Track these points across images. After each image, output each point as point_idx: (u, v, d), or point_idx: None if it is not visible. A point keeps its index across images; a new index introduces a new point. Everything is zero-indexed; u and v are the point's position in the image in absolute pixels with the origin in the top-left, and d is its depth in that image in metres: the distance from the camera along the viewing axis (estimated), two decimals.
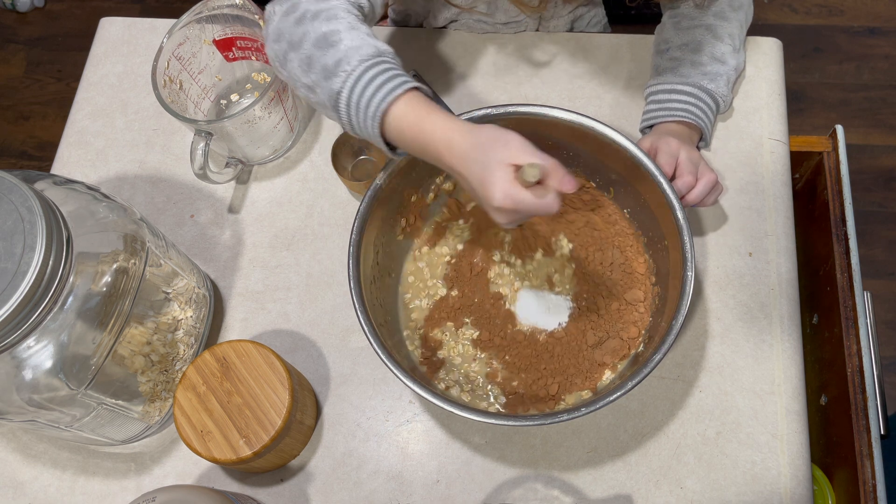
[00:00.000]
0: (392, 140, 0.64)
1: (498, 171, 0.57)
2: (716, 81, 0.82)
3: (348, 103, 0.62)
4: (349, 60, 0.62)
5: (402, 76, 0.62)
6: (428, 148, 0.61)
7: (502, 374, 0.75)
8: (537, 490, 0.73)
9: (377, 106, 0.61)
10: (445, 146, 0.60)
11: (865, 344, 0.84)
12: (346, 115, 0.63)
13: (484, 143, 0.59)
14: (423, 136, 0.61)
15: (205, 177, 0.80)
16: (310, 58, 0.64)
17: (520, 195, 0.57)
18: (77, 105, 0.96)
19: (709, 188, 0.75)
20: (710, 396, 0.76)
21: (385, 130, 0.63)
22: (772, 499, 0.71)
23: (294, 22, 0.66)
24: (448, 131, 0.60)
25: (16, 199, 0.57)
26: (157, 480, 0.76)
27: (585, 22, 0.99)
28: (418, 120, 0.61)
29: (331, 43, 0.63)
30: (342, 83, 0.62)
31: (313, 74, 0.64)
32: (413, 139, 0.62)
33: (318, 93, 0.65)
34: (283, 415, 0.68)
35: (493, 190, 0.57)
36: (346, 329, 0.81)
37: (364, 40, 0.64)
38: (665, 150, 0.76)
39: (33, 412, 0.63)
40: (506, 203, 0.58)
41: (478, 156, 0.58)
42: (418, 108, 0.61)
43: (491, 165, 0.58)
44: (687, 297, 0.66)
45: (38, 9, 2.06)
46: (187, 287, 0.76)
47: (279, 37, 0.67)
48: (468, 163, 0.59)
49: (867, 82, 1.82)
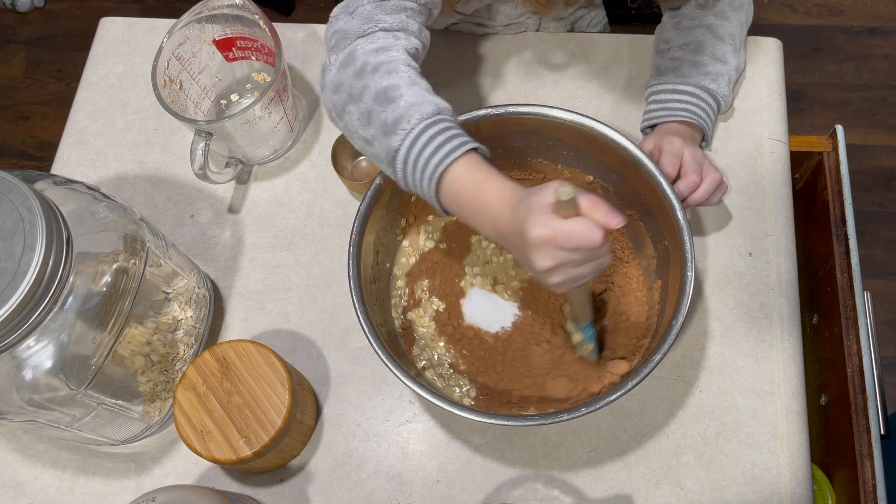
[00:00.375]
0: (446, 201, 0.62)
1: (535, 207, 0.55)
2: (717, 81, 0.82)
3: (405, 161, 0.61)
4: (409, 118, 0.60)
5: (461, 136, 0.60)
6: (486, 214, 0.59)
7: (464, 366, 0.75)
8: (537, 490, 0.73)
9: (435, 167, 0.60)
10: (499, 209, 0.58)
11: (865, 344, 0.84)
12: (402, 173, 0.62)
13: (527, 194, 0.56)
14: (479, 201, 0.59)
15: (205, 177, 0.80)
16: (370, 112, 0.63)
17: (557, 224, 0.53)
18: (77, 105, 0.96)
19: (714, 187, 0.75)
20: (710, 396, 0.76)
21: (440, 193, 0.61)
22: (772, 499, 0.71)
23: (354, 74, 0.64)
24: (507, 193, 0.58)
25: (16, 199, 0.57)
26: (157, 480, 0.76)
27: (586, 23, 0.99)
28: (475, 184, 0.59)
29: (391, 98, 0.62)
30: (401, 141, 0.61)
31: (372, 129, 0.63)
32: (470, 204, 0.60)
33: (375, 147, 0.64)
34: (283, 415, 0.68)
35: (530, 223, 0.54)
36: (346, 329, 0.81)
37: (424, 97, 0.62)
38: (669, 150, 0.76)
39: (33, 412, 0.63)
40: (542, 231, 0.54)
41: (522, 206, 0.56)
42: (477, 172, 0.59)
43: (532, 206, 0.55)
44: (687, 297, 0.66)
45: (38, 9, 2.06)
46: (187, 287, 0.76)
47: (338, 88, 0.66)
48: (514, 215, 0.56)
49: (867, 82, 1.82)
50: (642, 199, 0.74)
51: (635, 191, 0.75)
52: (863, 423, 0.82)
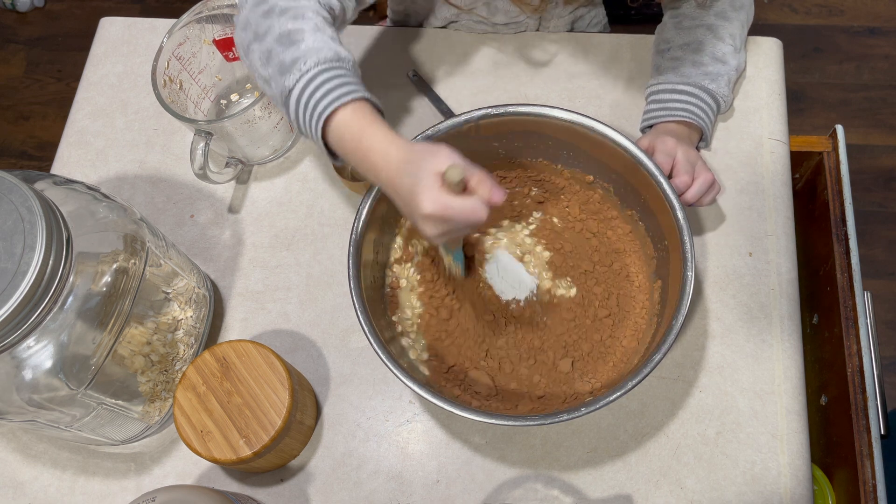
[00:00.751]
0: (333, 146, 0.64)
1: (426, 179, 0.58)
2: (717, 81, 0.82)
3: (297, 102, 0.63)
4: (306, 60, 0.63)
5: (353, 85, 0.63)
6: (366, 159, 0.62)
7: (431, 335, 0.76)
8: (537, 490, 0.73)
9: (323, 109, 0.62)
10: (382, 158, 0.61)
11: (865, 344, 0.84)
12: (294, 114, 0.64)
13: (415, 156, 0.59)
14: (361, 146, 0.62)
15: (205, 177, 0.80)
16: (270, 51, 0.65)
17: (447, 200, 0.57)
18: (77, 105, 0.96)
19: (705, 188, 0.75)
20: (710, 396, 0.76)
21: (328, 135, 0.64)
22: (772, 499, 0.71)
23: (262, 14, 0.66)
24: (386, 145, 0.61)
25: (16, 199, 0.57)
26: (157, 480, 0.76)
27: (586, 22, 0.99)
28: (359, 130, 0.62)
29: (293, 41, 0.64)
30: (295, 81, 0.63)
31: (270, 68, 0.65)
32: (353, 149, 0.62)
33: (272, 86, 0.65)
34: (283, 415, 0.68)
35: (421, 198, 0.58)
36: (346, 329, 0.81)
37: (326, 43, 0.64)
38: (662, 149, 0.76)
39: (33, 412, 0.63)
40: (434, 208, 0.57)
41: (409, 168, 0.59)
42: (362, 118, 0.62)
43: (420, 175, 0.58)
44: (687, 297, 0.66)
45: (38, 9, 2.06)
46: (187, 287, 0.76)
47: (246, 26, 0.67)
48: (400, 176, 0.60)
49: (867, 82, 1.82)
50: (642, 199, 0.74)
51: (635, 191, 0.75)
52: (863, 423, 0.82)
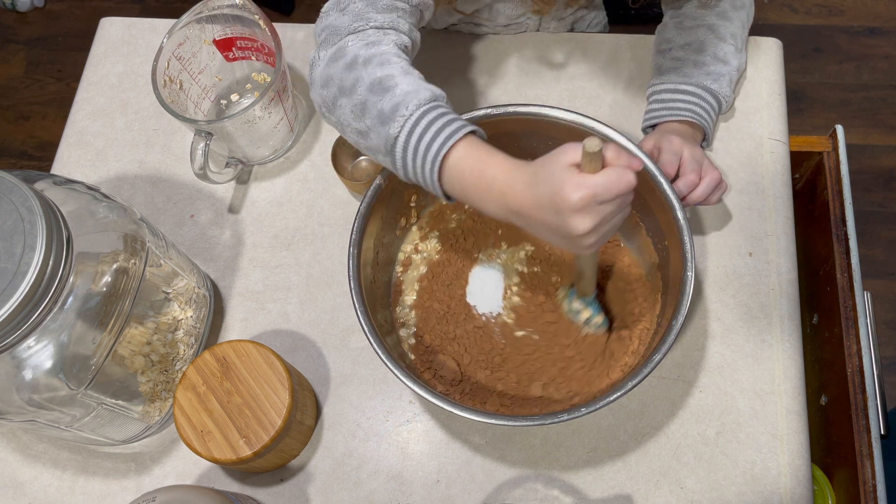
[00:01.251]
0: (450, 186, 0.61)
1: (563, 173, 0.54)
2: (718, 81, 0.82)
3: (405, 149, 0.61)
4: (407, 105, 0.60)
5: (459, 121, 0.60)
6: (492, 191, 0.59)
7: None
8: (537, 490, 0.73)
9: (437, 152, 0.59)
10: (508, 184, 0.57)
11: (865, 344, 0.84)
12: (402, 161, 0.62)
13: (541, 165, 0.56)
14: (484, 179, 0.59)
15: (205, 177, 0.80)
16: (364, 103, 0.62)
17: (591, 178, 0.53)
18: (77, 105, 0.96)
19: (712, 186, 0.75)
20: (710, 396, 0.76)
21: (443, 177, 0.61)
22: (772, 499, 0.71)
23: (344, 67, 0.64)
24: (510, 170, 0.58)
25: (16, 199, 0.57)
26: (157, 480, 0.76)
27: (586, 24, 0.99)
28: (478, 163, 0.59)
29: (386, 88, 0.62)
30: (399, 128, 0.60)
31: (368, 120, 0.62)
32: (475, 184, 0.59)
33: (371, 138, 0.63)
34: (283, 415, 0.68)
35: (565, 189, 0.53)
36: (346, 329, 0.81)
37: (420, 84, 0.62)
38: (668, 149, 0.76)
39: (33, 412, 0.63)
40: (582, 192, 0.53)
41: (541, 177, 0.56)
42: (479, 151, 0.59)
43: (555, 174, 0.55)
44: (687, 297, 0.66)
45: (38, 9, 2.06)
46: (187, 287, 0.76)
47: (327, 82, 0.65)
48: (535, 189, 0.56)
49: (867, 82, 1.82)
50: (642, 199, 0.74)
51: (635, 191, 0.75)
52: (863, 423, 0.82)
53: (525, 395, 0.74)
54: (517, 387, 0.74)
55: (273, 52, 0.82)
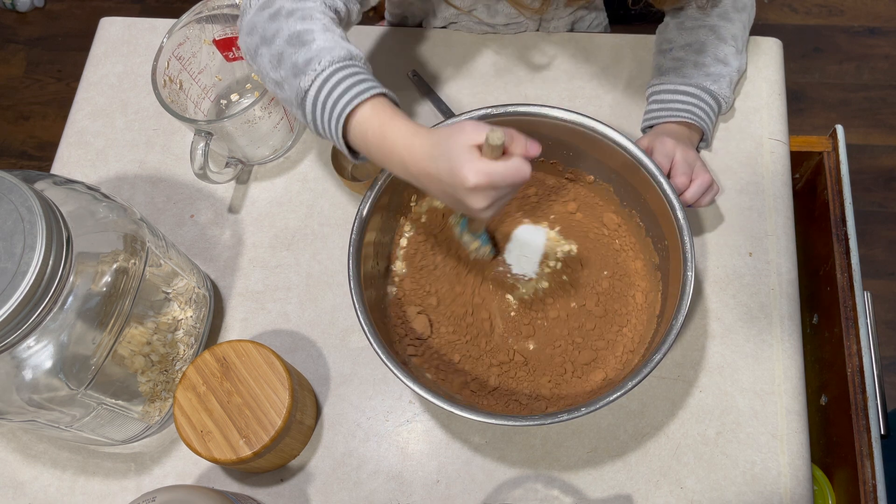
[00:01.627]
0: (355, 144, 0.64)
1: (463, 154, 0.56)
2: (719, 83, 0.82)
3: (314, 102, 0.62)
4: (320, 60, 0.62)
5: (370, 81, 0.62)
6: (392, 153, 0.61)
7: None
8: (537, 490, 0.73)
9: (343, 108, 0.61)
10: (408, 150, 0.60)
11: (865, 344, 0.84)
12: (311, 115, 0.63)
13: (442, 139, 0.58)
14: (386, 142, 0.61)
15: (205, 177, 0.80)
16: (281, 54, 0.64)
17: (490, 166, 0.56)
18: (77, 105, 0.96)
19: (703, 189, 0.75)
20: (710, 396, 0.76)
21: (348, 134, 0.63)
22: (772, 499, 0.71)
23: (268, 17, 0.66)
24: (410, 136, 0.60)
25: (16, 199, 0.57)
26: (157, 480, 0.76)
27: (586, 24, 0.99)
28: (381, 125, 0.61)
29: (303, 41, 0.63)
30: (310, 82, 0.62)
31: (283, 70, 0.64)
32: (378, 145, 0.62)
33: (285, 89, 0.65)
34: (283, 415, 0.68)
35: (464, 171, 0.56)
36: (346, 329, 0.81)
37: (337, 42, 0.63)
38: (660, 150, 0.76)
39: (33, 412, 0.63)
40: (479, 178, 0.56)
41: (440, 151, 0.58)
42: (383, 113, 0.61)
43: (455, 151, 0.57)
44: (687, 297, 0.66)
45: (38, 9, 2.06)
46: (187, 287, 0.76)
47: (252, 30, 0.67)
48: (434, 161, 0.58)
49: (867, 82, 1.82)
50: (642, 199, 0.74)
51: (635, 191, 0.75)
52: (863, 423, 0.82)
53: (524, 394, 0.74)
54: (517, 385, 0.74)
55: None
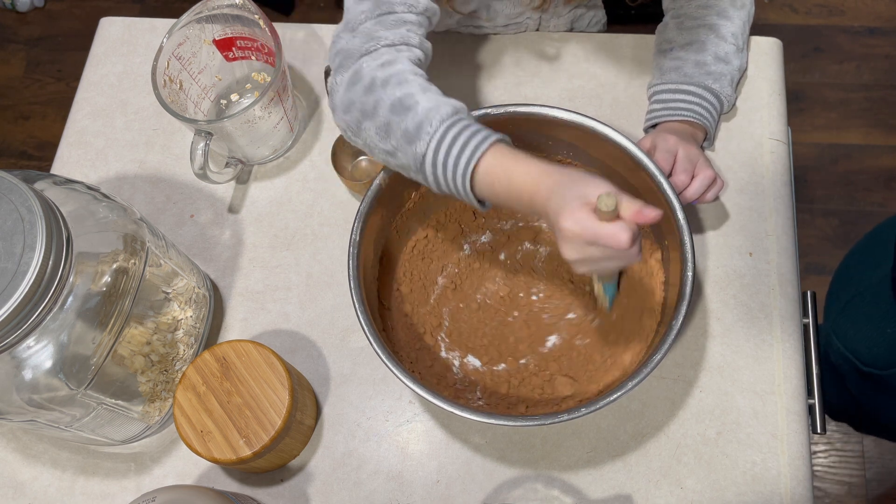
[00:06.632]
0: (482, 195, 0.63)
1: (574, 201, 0.56)
2: (720, 81, 0.82)
3: (434, 165, 0.62)
4: (430, 122, 0.62)
5: (483, 131, 0.62)
6: (521, 197, 0.60)
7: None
8: (537, 490, 0.73)
9: (466, 164, 0.61)
10: (535, 190, 0.59)
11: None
12: (433, 176, 0.63)
13: (567, 180, 0.58)
14: (513, 186, 0.60)
15: (205, 177, 0.80)
16: (388, 124, 0.64)
17: (589, 221, 0.55)
18: (77, 105, 0.96)
19: (706, 185, 0.75)
20: (710, 396, 0.76)
21: (475, 187, 0.62)
22: (772, 499, 0.71)
23: (363, 91, 0.65)
24: (537, 175, 0.59)
25: (16, 199, 0.57)
26: (157, 480, 0.76)
27: (586, 22, 0.99)
28: (506, 171, 0.60)
29: (407, 107, 0.63)
30: (426, 146, 0.62)
31: (393, 140, 0.64)
32: (505, 191, 0.61)
33: (399, 157, 0.64)
34: (283, 415, 0.68)
35: (563, 216, 0.56)
36: (346, 329, 0.81)
37: (440, 100, 0.63)
38: (663, 147, 0.76)
39: (33, 412, 0.63)
40: (574, 227, 0.56)
41: (561, 190, 0.58)
42: (505, 159, 0.61)
43: (569, 197, 0.57)
44: (687, 297, 0.66)
45: (38, 9, 2.06)
46: (187, 287, 0.76)
47: (349, 107, 0.66)
48: (552, 197, 0.58)
49: (867, 82, 1.82)
50: (642, 199, 0.74)
51: (635, 191, 0.75)
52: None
53: (525, 395, 0.74)
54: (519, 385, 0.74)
55: (273, 51, 0.82)
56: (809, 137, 1.75)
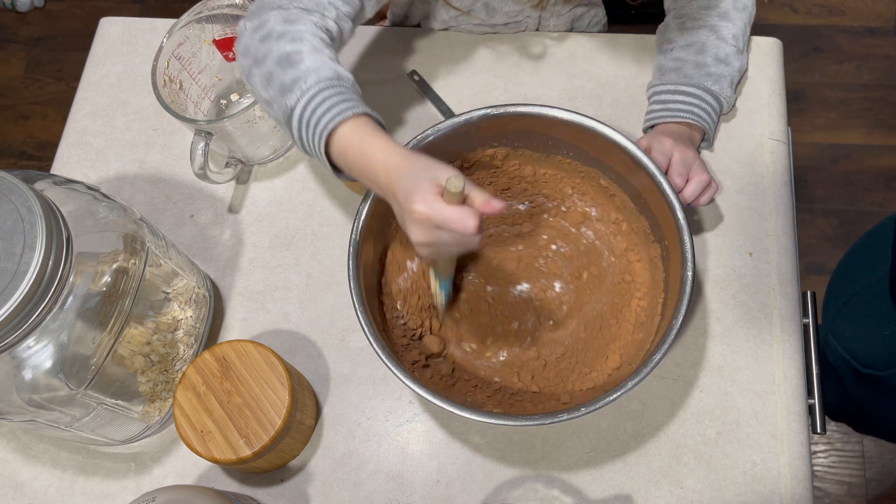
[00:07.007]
0: (337, 161, 0.65)
1: (424, 184, 0.58)
2: (720, 83, 0.82)
3: (300, 120, 0.64)
4: (306, 79, 0.64)
5: (353, 101, 0.64)
6: (369, 169, 0.63)
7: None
8: (537, 490, 0.73)
9: (325, 126, 0.63)
10: (384, 168, 0.61)
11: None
12: (297, 132, 0.65)
13: (416, 164, 0.60)
14: (364, 158, 0.62)
15: (205, 177, 0.80)
16: (270, 74, 0.66)
17: (439, 204, 0.57)
18: (77, 105, 0.96)
19: (700, 188, 0.75)
20: (710, 396, 0.76)
21: (331, 151, 0.65)
22: (772, 499, 0.71)
23: (260, 39, 0.68)
24: (388, 154, 0.61)
25: (16, 199, 0.57)
26: (157, 480, 0.76)
27: (586, 22, 0.99)
28: (361, 143, 0.62)
29: (292, 62, 0.65)
30: (296, 100, 0.64)
31: (272, 90, 0.66)
32: (356, 161, 0.63)
33: (274, 108, 0.67)
34: (283, 415, 0.68)
35: (415, 198, 0.58)
36: (346, 329, 0.81)
37: (325, 63, 0.65)
38: (658, 150, 0.76)
39: (33, 412, 0.63)
40: (424, 210, 0.57)
41: (409, 172, 0.59)
42: (363, 132, 0.63)
43: (419, 178, 0.58)
44: (687, 297, 0.66)
45: (38, 9, 2.06)
46: (187, 287, 0.76)
47: (246, 52, 0.69)
48: (400, 179, 0.60)
49: (867, 82, 1.82)
50: (642, 199, 0.74)
51: (635, 191, 0.75)
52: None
53: (525, 395, 0.74)
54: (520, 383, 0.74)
55: None
56: (809, 137, 1.75)
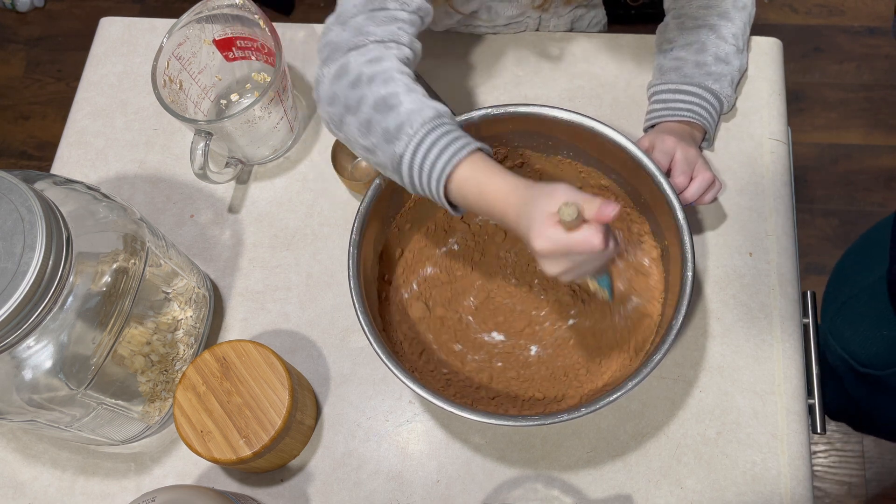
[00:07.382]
0: (455, 202, 0.64)
1: (538, 219, 0.57)
2: (720, 82, 0.82)
3: (411, 166, 0.62)
4: (411, 124, 0.62)
5: (464, 138, 0.62)
6: (492, 210, 0.61)
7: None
8: (537, 490, 0.73)
9: (441, 170, 0.61)
10: (502, 210, 0.60)
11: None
12: (409, 177, 0.63)
13: (531, 199, 0.58)
14: (484, 198, 0.61)
15: (205, 177, 0.80)
16: (369, 121, 0.64)
17: (559, 235, 0.56)
18: (77, 105, 0.96)
19: (704, 187, 0.75)
20: (710, 396, 0.76)
21: (449, 194, 0.63)
22: (772, 499, 0.71)
23: (349, 85, 0.65)
24: (506, 192, 0.60)
25: (16, 199, 0.57)
26: (157, 480, 0.76)
27: (586, 23, 0.99)
28: (479, 183, 0.61)
29: (390, 106, 0.63)
30: (405, 147, 0.62)
31: (373, 137, 0.64)
32: (476, 202, 0.62)
33: (378, 155, 0.64)
34: (283, 415, 0.68)
35: (532, 235, 0.57)
36: (346, 329, 0.81)
37: (423, 102, 0.63)
38: (661, 148, 0.76)
39: (33, 412, 0.63)
40: (545, 245, 0.56)
41: (526, 210, 0.58)
42: (480, 170, 0.61)
43: (534, 216, 0.57)
44: (687, 297, 0.66)
45: (38, 9, 2.06)
46: (187, 287, 0.76)
47: (333, 100, 0.66)
48: (518, 219, 0.59)
49: (867, 82, 1.82)
50: (642, 199, 0.74)
51: (635, 191, 0.75)
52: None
53: (524, 395, 0.74)
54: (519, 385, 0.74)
55: (273, 51, 0.82)
56: (809, 137, 1.75)
